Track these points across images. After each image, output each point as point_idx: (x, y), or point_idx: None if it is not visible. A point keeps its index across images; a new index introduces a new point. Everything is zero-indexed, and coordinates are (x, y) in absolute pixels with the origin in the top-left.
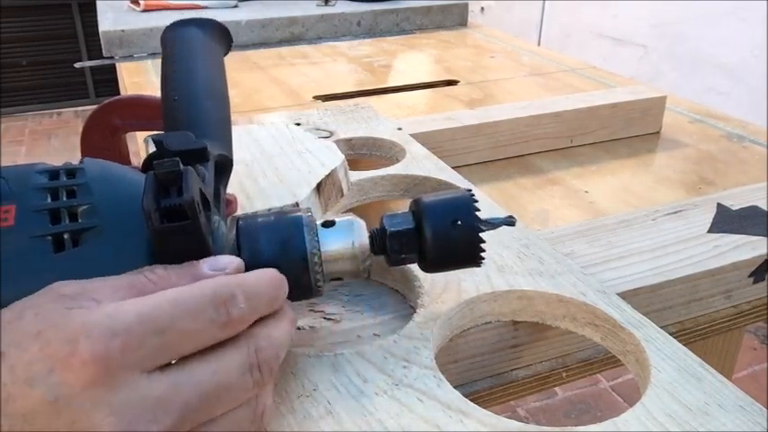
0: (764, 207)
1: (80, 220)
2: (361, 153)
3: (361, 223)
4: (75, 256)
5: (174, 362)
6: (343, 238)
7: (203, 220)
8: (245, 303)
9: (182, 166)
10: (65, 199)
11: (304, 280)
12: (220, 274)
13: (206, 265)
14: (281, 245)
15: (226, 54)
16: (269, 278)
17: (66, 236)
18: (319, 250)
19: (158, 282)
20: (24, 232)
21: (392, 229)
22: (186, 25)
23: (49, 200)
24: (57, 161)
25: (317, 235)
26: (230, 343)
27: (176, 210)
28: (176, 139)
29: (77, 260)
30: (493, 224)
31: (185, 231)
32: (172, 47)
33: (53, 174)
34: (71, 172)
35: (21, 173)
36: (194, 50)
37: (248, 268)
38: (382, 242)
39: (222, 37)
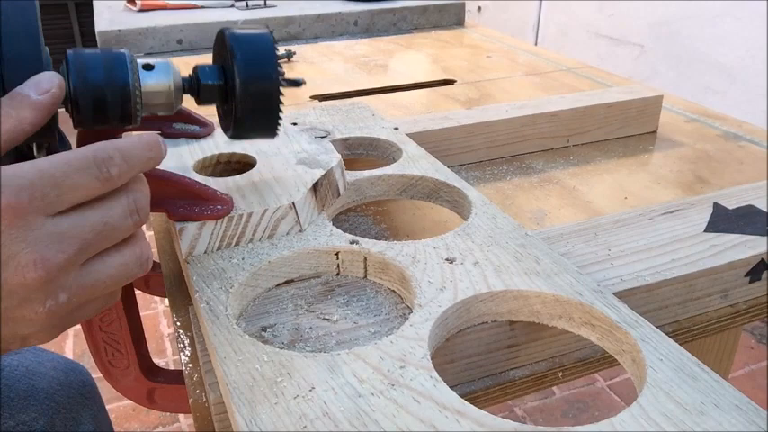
0: (761, 206)
1: None
2: (358, 153)
3: (177, 69)
4: None
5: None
6: (162, 79)
7: None
8: (121, 163)
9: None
10: None
11: (126, 108)
12: (48, 94)
13: (31, 90)
14: (106, 74)
15: None
16: (144, 143)
17: None
18: (140, 82)
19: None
20: None
21: (205, 82)
22: None
23: None
24: None
25: (137, 70)
26: (114, 195)
27: None
28: None
29: None
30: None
31: None
32: None
33: None
34: None
35: None
36: None
37: (76, 93)
38: (196, 89)
39: None
